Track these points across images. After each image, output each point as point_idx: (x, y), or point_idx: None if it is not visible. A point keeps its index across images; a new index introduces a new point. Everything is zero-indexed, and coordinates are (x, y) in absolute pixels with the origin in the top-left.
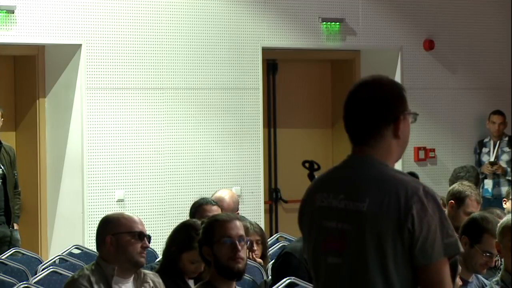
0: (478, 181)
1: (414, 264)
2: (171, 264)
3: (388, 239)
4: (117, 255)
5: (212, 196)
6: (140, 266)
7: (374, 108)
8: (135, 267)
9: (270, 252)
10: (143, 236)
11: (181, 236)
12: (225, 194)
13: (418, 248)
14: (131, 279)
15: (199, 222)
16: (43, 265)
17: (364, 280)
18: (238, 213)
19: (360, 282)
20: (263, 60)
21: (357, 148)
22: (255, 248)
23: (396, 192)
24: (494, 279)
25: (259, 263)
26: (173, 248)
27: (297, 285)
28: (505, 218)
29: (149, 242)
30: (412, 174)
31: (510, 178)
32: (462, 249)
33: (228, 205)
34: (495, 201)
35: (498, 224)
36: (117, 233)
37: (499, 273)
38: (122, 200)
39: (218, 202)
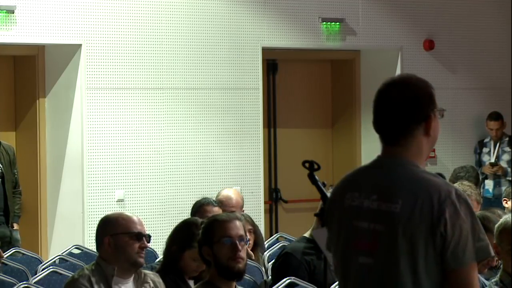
0: (478, 181)
1: (444, 267)
2: (172, 263)
3: (420, 241)
4: (116, 256)
5: (217, 196)
6: (139, 266)
7: (405, 108)
8: (134, 267)
9: (270, 252)
10: (141, 236)
11: (182, 234)
12: (231, 193)
13: (450, 252)
14: (131, 279)
15: (199, 220)
16: (43, 265)
17: (394, 280)
18: (243, 210)
19: (390, 283)
20: (263, 60)
21: (388, 148)
22: (248, 237)
23: (429, 194)
24: (493, 280)
25: (250, 256)
26: (174, 247)
27: (297, 285)
28: (503, 220)
29: (148, 242)
30: (439, 175)
31: (510, 178)
32: (492, 253)
33: (237, 202)
34: (496, 201)
35: (496, 226)
36: (115, 234)
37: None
38: (122, 200)
39: (226, 201)
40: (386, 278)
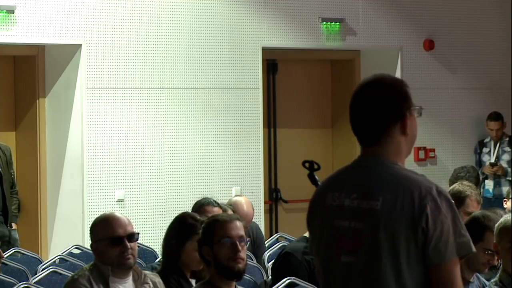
0: (478, 181)
1: (426, 263)
2: (174, 260)
3: (401, 238)
4: (103, 260)
5: (232, 207)
6: (128, 267)
7: (380, 108)
8: (123, 269)
9: (270, 252)
10: (120, 240)
11: (179, 227)
12: (245, 207)
13: (432, 247)
14: (130, 279)
15: (193, 213)
16: (43, 265)
17: (376, 278)
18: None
19: (373, 280)
20: (263, 60)
21: (367, 149)
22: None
23: (410, 191)
24: (492, 280)
25: None
26: (173, 241)
27: (297, 285)
28: (503, 219)
29: (134, 241)
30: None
31: (510, 178)
32: (474, 249)
33: (252, 216)
34: (496, 201)
35: (496, 225)
36: (97, 241)
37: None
38: (122, 200)
39: (244, 217)
40: (369, 276)
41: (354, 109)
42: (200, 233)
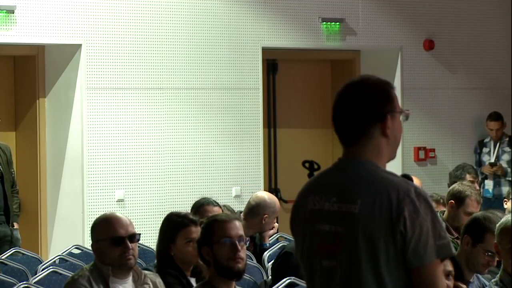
0: (476, 173)
1: (407, 266)
2: (169, 259)
3: (380, 241)
4: (103, 260)
5: (263, 202)
6: (129, 268)
7: (359, 108)
8: (124, 269)
9: (270, 252)
10: (121, 241)
11: (167, 226)
12: (262, 194)
13: (411, 250)
14: (130, 279)
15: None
16: (43, 265)
17: (357, 282)
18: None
19: (353, 284)
20: (263, 60)
21: (348, 150)
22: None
23: (388, 193)
24: (493, 280)
25: None
26: (163, 239)
27: (297, 285)
28: (504, 219)
29: (136, 241)
30: (406, 177)
31: (510, 178)
32: (454, 251)
33: (273, 198)
34: (496, 201)
35: (497, 225)
36: (98, 241)
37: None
38: (122, 200)
39: (278, 210)
40: (350, 280)
41: (335, 108)
42: (191, 229)
